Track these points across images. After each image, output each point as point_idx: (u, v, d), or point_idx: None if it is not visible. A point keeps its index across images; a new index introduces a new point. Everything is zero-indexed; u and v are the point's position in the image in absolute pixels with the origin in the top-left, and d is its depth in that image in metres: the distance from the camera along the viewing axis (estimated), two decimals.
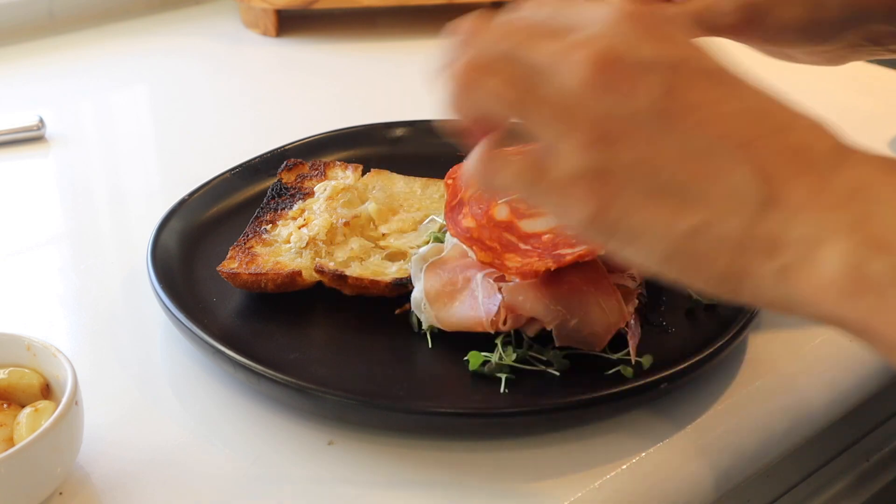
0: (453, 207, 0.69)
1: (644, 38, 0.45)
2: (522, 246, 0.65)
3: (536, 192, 0.47)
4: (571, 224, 0.46)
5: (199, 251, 0.76)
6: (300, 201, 0.79)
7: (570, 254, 0.63)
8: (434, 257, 0.69)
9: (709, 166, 0.44)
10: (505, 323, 0.64)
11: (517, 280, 0.64)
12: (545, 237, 0.65)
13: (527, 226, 0.66)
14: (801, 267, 0.43)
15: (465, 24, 0.51)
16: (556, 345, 0.64)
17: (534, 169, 0.47)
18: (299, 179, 0.82)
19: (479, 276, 0.67)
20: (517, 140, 0.48)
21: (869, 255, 0.42)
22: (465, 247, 0.67)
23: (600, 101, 0.44)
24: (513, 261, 0.64)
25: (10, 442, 0.56)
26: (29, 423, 0.56)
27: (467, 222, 0.67)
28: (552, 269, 0.63)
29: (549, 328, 0.64)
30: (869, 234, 0.42)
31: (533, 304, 0.64)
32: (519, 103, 0.46)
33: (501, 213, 0.67)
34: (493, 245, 0.65)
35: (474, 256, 0.66)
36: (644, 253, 0.46)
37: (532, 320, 0.65)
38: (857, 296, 0.42)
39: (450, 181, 0.72)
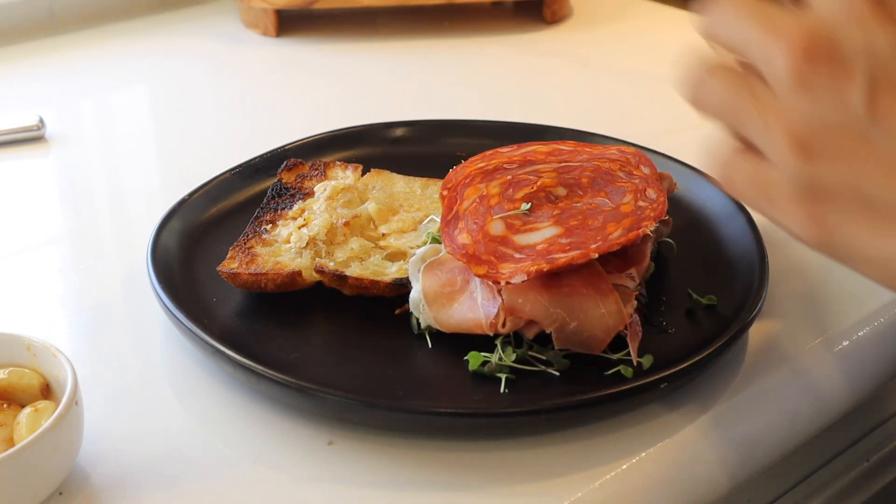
0: (449, 222, 0.69)
1: (862, 14, 0.40)
2: (517, 255, 0.65)
3: (764, 208, 0.45)
4: (797, 236, 0.44)
5: (199, 251, 0.76)
6: (300, 201, 0.79)
7: (563, 257, 0.63)
8: (432, 257, 0.69)
9: None
10: (504, 325, 0.64)
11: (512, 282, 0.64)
12: (539, 247, 0.65)
13: (522, 239, 0.66)
14: None
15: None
16: (556, 348, 0.64)
17: (758, 182, 0.44)
18: (299, 179, 0.82)
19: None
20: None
21: None
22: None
23: (807, 100, 0.41)
24: (506, 268, 0.64)
25: (10, 442, 0.56)
26: (29, 423, 0.56)
27: (463, 238, 0.67)
28: (545, 270, 0.63)
29: (548, 331, 0.64)
30: None
31: (532, 306, 0.64)
32: (736, 109, 0.44)
33: (496, 228, 0.67)
34: (488, 259, 0.65)
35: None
36: (869, 270, 0.43)
37: (531, 323, 0.65)
38: None
39: (445, 192, 0.72)
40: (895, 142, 0.40)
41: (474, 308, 0.66)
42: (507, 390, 0.63)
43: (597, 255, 0.63)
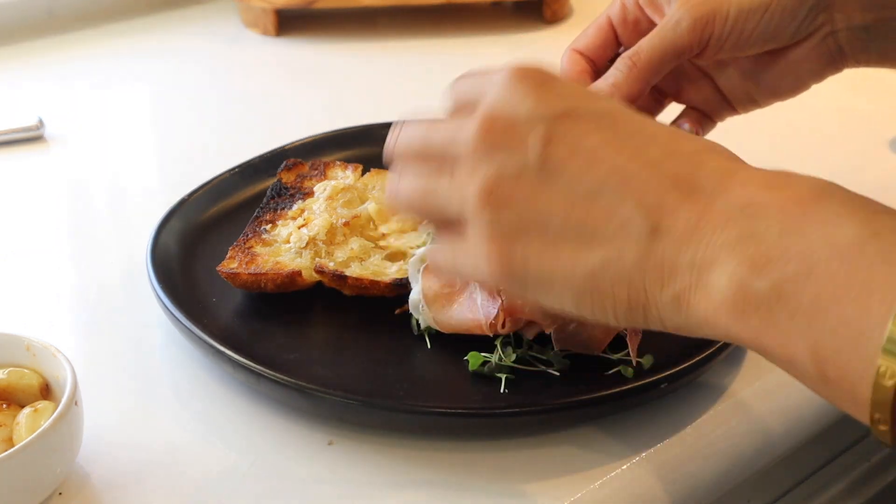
0: None
1: (528, 94, 0.48)
2: None
3: (457, 262, 0.51)
4: (488, 281, 0.51)
5: (199, 251, 0.76)
6: (300, 201, 0.79)
7: None
8: None
9: (596, 208, 0.46)
10: (503, 326, 0.64)
11: None
12: None
13: None
14: (693, 291, 0.45)
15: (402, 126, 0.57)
16: (556, 348, 0.64)
17: (450, 242, 0.51)
18: (299, 179, 0.82)
19: None
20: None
21: (752, 275, 0.43)
22: None
23: (489, 162, 0.48)
24: None
25: (10, 442, 0.56)
26: (29, 424, 0.56)
27: None
28: None
29: (547, 332, 0.64)
30: (752, 253, 0.43)
31: (532, 307, 0.63)
32: (429, 187, 0.51)
33: None
34: None
35: None
36: (557, 297, 0.48)
37: (531, 323, 0.65)
38: (747, 315, 0.43)
39: None
40: (566, 180, 0.47)
41: (474, 309, 0.66)
42: (507, 390, 0.63)
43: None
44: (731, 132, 1.03)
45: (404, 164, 0.54)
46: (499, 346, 0.65)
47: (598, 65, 0.70)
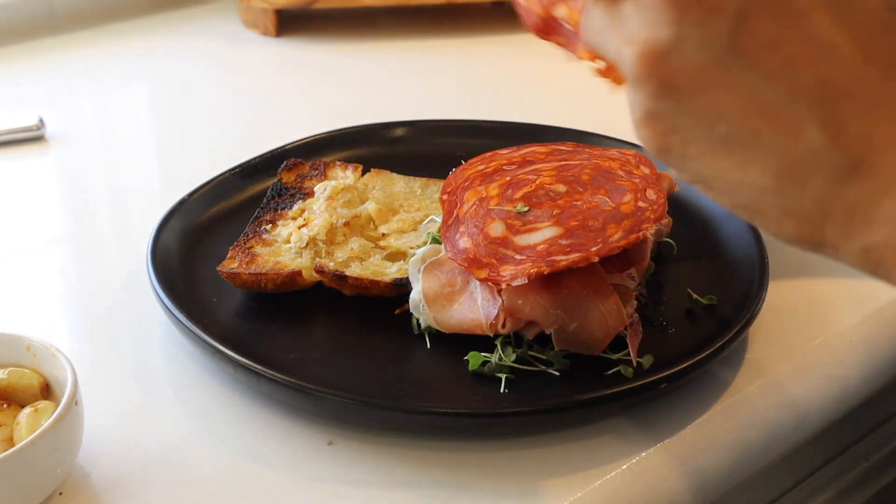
0: (449, 226, 0.69)
1: None
2: (518, 257, 0.65)
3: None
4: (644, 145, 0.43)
5: (199, 251, 0.76)
6: (300, 201, 0.79)
7: (563, 260, 0.63)
8: (432, 258, 0.69)
9: (783, 118, 0.38)
10: (504, 326, 0.64)
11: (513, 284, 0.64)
12: (540, 247, 0.65)
13: (522, 240, 0.66)
14: (892, 250, 0.38)
15: None
16: (556, 349, 0.64)
17: (606, 40, 0.43)
18: (299, 179, 0.82)
19: None
20: None
21: None
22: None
23: (670, 24, 0.39)
24: (507, 270, 0.64)
25: (10, 442, 0.56)
26: (29, 424, 0.56)
27: (464, 243, 0.67)
28: (545, 272, 0.63)
29: (548, 332, 0.64)
30: None
31: (532, 308, 0.64)
32: (603, 32, 0.43)
33: (496, 229, 0.67)
34: (489, 262, 0.65)
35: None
36: (714, 194, 0.42)
37: (531, 323, 0.65)
38: None
39: (445, 196, 0.72)
40: (755, 73, 0.38)
41: (474, 309, 0.66)
42: (507, 390, 0.63)
43: (597, 259, 0.63)
44: None
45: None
46: (499, 346, 0.65)
47: None
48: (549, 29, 0.55)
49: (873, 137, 0.37)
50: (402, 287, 0.70)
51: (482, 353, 0.65)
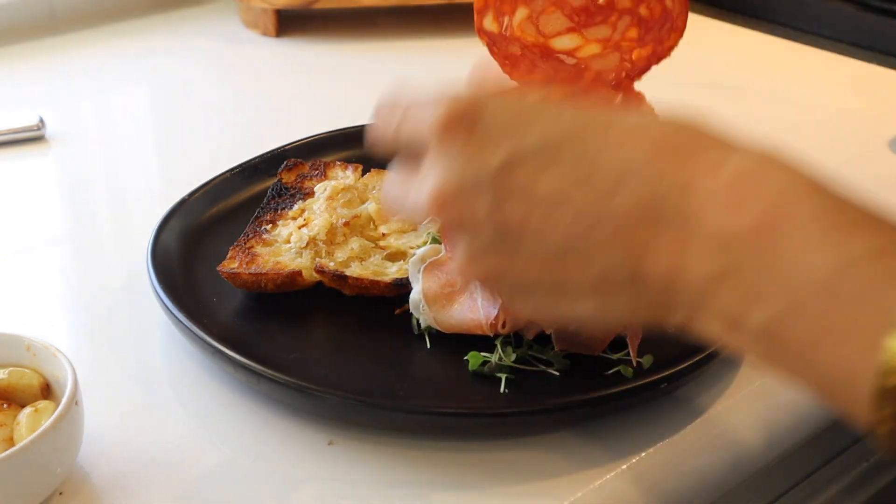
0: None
1: (461, 154, 0.47)
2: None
3: None
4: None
5: (199, 251, 0.76)
6: (300, 201, 0.79)
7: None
8: (432, 258, 0.69)
9: (571, 263, 0.46)
10: (504, 326, 0.64)
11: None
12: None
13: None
14: (697, 321, 0.45)
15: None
16: (556, 348, 0.64)
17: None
18: (299, 179, 0.82)
19: None
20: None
21: (745, 311, 0.42)
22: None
23: (458, 242, 0.48)
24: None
25: (10, 442, 0.56)
26: (29, 423, 0.56)
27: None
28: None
29: (548, 332, 0.64)
30: (740, 290, 0.42)
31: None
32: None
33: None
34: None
35: None
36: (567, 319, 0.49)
37: (531, 323, 0.65)
38: (750, 343, 0.43)
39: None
40: (531, 242, 0.47)
41: (474, 309, 0.66)
42: (507, 390, 0.63)
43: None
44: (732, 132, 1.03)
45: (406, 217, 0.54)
46: (499, 346, 0.65)
47: None
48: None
49: (635, 245, 0.44)
50: (402, 287, 0.70)
51: (482, 353, 0.65)
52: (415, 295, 0.68)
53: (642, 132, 0.46)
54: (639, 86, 0.69)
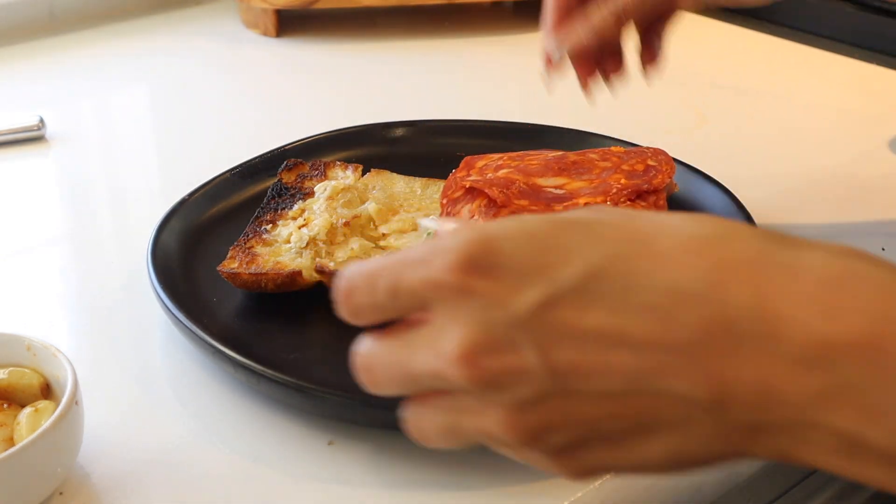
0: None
1: (488, 303, 0.40)
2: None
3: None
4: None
5: (199, 251, 0.76)
6: (300, 201, 0.79)
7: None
8: None
9: (639, 401, 0.40)
10: None
11: None
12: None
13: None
14: (794, 448, 0.39)
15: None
16: None
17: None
18: (299, 179, 0.82)
19: None
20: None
21: (865, 427, 0.37)
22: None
23: (502, 405, 0.41)
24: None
25: (10, 442, 0.56)
26: (29, 423, 0.56)
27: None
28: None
29: None
30: (856, 404, 0.37)
31: None
32: (456, 428, 0.44)
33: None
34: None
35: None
36: (643, 474, 0.43)
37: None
38: (868, 464, 0.38)
39: (444, 201, 0.72)
40: (591, 384, 0.39)
41: None
42: None
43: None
44: (732, 132, 1.03)
45: (392, 393, 0.45)
46: None
47: None
48: None
49: (710, 372, 0.38)
50: None
51: None
52: None
53: (693, 245, 0.40)
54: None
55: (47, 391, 0.59)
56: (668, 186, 0.75)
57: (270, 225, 0.77)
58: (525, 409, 0.40)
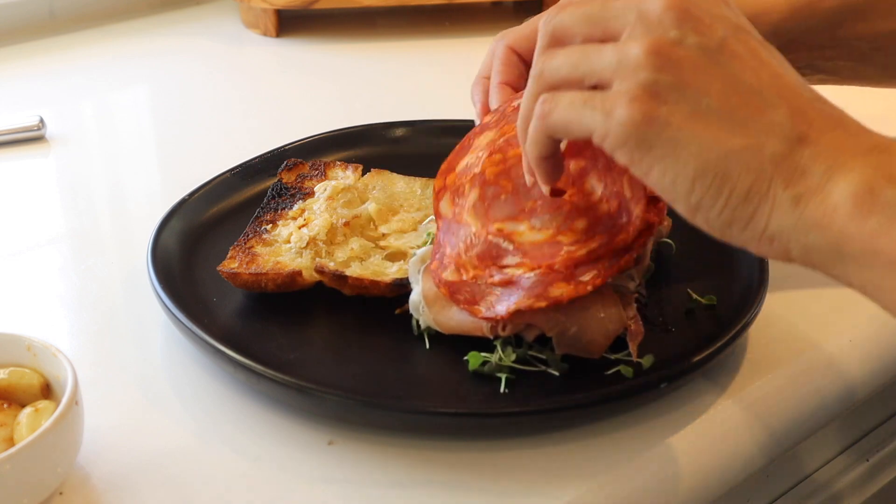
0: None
1: (707, 3, 0.53)
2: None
3: (583, 109, 0.53)
4: (609, 130, 0.52)
5: (199, 251, 0.76)
6: (300, 201, 0.79)
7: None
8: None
9: (753, 101, 0.51)
10: (504, 329, 0.64)
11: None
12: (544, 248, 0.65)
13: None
14: (816, 193, 0.49)
15: None
16: (557, 353, 0.64)
17: (582, 99, 0.54)
18: (299, 179, 0.82)
19: None
20: None
21: (884, 184, 0.48)
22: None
23: (670, 28, 0.52)
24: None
25: (11, 442, 0.56)
26: (29, 423, 0.56)
27: (448, 275, 0.66)
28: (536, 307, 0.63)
29: (549, 335, 0.64)
30: (886, 171, 0.49)
31: (533, 311, 0.63)
32: (587, 51, 0.54)
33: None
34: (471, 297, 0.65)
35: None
36: (677, 167, 0.51)
37: (531, 325, 0.65)
38: (866, 215, 0.48)
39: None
40: (734, 70, 0.52)
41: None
42: (507, 390, 0.63)
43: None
44: None
45: (559, 64, 0.56)
46: (499, 346, 0.65)
47: (529, 66, 0.73)
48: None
49: (814, 121, 0.51)
50: (402, 287, 0.70)
51: (482, 353, 0.65)
52: (415, 296, 0.68)
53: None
54: None
55: (47, 391, 0.59)
56: None
57: (270, 225, 0.77)
58: (679, 44, 0.51)
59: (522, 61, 0.74)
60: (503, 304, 0.63)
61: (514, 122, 0.68)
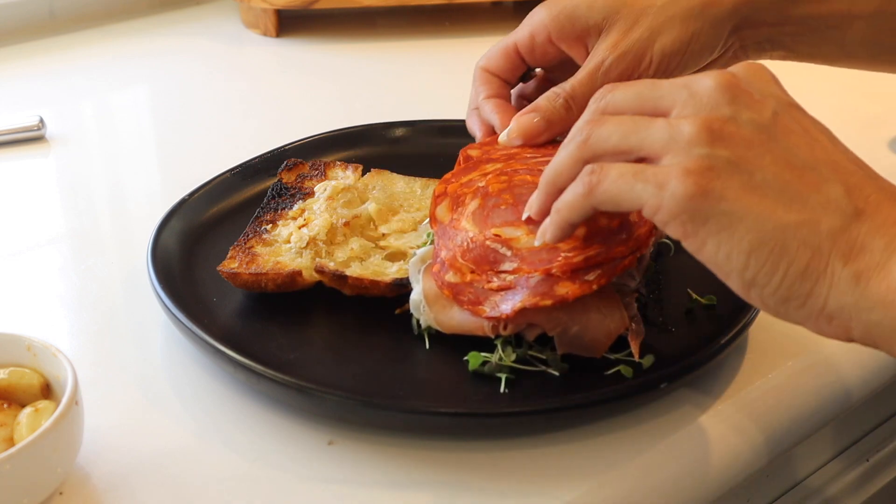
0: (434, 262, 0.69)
1: (757, 82, 0.55)
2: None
3: (635, 181, 0.53)
4: (663, 203, 0.52)
5: (199, 251, 0.76)
6: (300, 201, 0.79)
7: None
8: (432, 259, 0.69)
9: (807, 177, 0.51)
10: (505, 328, 0.64)
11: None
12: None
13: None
14: (878, 270, 0.49)
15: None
16: (558, 353, 0.64)
17: (633, 171, 0.53)
18: (299, 179, 0.82)
19: None
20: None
21: None
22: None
23: (722, 106, 0.53)
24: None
25: (11, 442, 0.56)
26: (29, 423, 0.56)
27: (450, 277, 0.66)
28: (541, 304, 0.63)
29: (550, 334, 0.64)
30: None
31: (534, 311, 0.63)
32: (638, 126, 0.55)
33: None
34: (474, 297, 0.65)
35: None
36: (732, 241, 0.51)
37: (532, 325, 0.65)
38: None
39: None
40: (787, 146, 0.52)
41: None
42: (507, 390, 0.63)
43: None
44: None
45: (610, 131, 0.56)
46: (499, 346, 0.65)
47: (509, 82, 0.76)
48: None
49: (870, 197, 0.51)
50: (402, 287, 0.70)
51: (482, 353, 0.65)
52: (415, 296, 0.68)
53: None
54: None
55: (47, 391, 0.59)
56: None
57: (270, 225, 0.77)
58: (732, 121, 0.52)
59: (498, 77, 0.76)
60: (508, 304, 0.63)
61: (522, 163, 0.69)
